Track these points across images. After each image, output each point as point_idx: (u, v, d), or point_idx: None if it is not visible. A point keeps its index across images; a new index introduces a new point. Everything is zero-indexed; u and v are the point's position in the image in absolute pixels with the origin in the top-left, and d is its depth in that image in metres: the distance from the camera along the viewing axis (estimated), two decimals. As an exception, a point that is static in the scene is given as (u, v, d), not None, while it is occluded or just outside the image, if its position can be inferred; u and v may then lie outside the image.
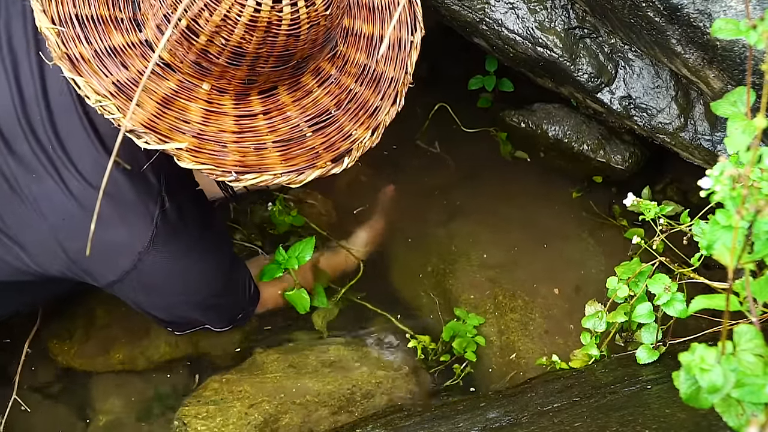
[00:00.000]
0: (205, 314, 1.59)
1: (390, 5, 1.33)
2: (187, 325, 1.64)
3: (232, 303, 1.61)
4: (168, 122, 1.09)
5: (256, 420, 1.56)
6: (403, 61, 1.27)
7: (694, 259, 1.43)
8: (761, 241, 0.90)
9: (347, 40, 1.26)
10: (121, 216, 1.30)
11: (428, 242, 1.91)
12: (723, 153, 1.63)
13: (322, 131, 1.17)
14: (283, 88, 1.18)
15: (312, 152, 1.14)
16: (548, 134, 1.99)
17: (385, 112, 1.21)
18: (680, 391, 0.89)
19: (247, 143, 1.12)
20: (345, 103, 1.21)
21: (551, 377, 1.59)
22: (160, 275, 1.37)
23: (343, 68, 1.24)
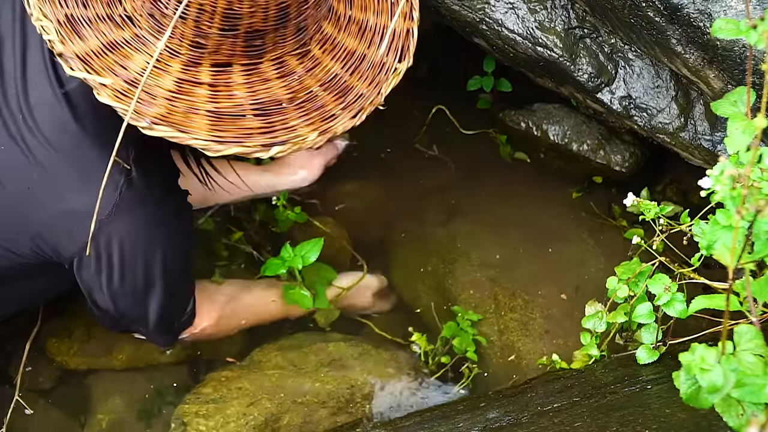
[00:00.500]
0: (148, 309, 1.50)
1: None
2: (123, 324, 1.55)
3: (175, 304, 1.55)
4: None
5: (256, 419, 1.56)
6: (395, 48, 1.27)
7: (694, 259, 1.42)
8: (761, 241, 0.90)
9: (337, 28, 1.26)
10: (85, 182, 1.27)
11: (428, 242, 1.91)
12: (723, 153, 1.63)
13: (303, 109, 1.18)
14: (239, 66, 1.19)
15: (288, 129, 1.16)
16: (548, 134, 1.99)
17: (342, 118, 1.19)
18: (680, 391, 0.89)
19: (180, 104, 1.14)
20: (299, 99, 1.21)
21: (551, 377, 1.59)
22: (117, 248, 1.34)
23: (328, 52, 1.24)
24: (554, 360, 1.65)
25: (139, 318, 1.50)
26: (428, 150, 2.08)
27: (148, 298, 1.46)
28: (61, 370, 1.70)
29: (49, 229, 1.31)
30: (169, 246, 1.40)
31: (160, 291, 1.45)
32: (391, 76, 1.21)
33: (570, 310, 1.77)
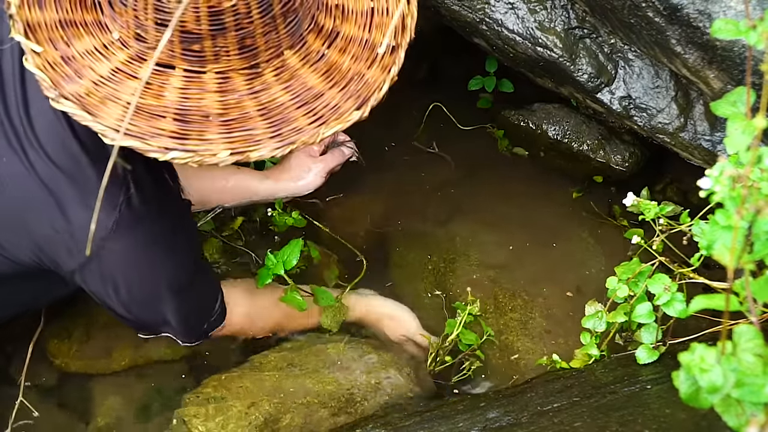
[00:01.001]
0: (164, 317, 1.52)
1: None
2: (147, 328, 1.58)
3: (192, 312, 1.55)
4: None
5: (257, 420, 1.56)
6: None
7: (694, 259, 1.42)
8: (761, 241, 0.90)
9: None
10: (84, 200, 1.28)
11: (428, 241, 1.91)
12: (723, 153, 1.64)
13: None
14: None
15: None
16: (548, 134, 1.99)
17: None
18: (680, 391, 0.89)
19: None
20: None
21: (551, 377, 1.59)
22: (121, 265, 1.35)
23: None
24: (554, 360, 1.65)
25: (160, 324, 1.52)
26: (427, 148, 2.08)
27: (161, 306, 1.47)
28: (62, 371, 1.70)
29: (49, 243, 1.32)
30: (169, 259, 1.41)
31: (171, 299, 1.46)
32: (338, 120, 1.18)
33: (570, 310, 1.77)
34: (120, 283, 1.39)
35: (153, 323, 1.53)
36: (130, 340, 1.71)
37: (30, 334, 1.71)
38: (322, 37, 1.24)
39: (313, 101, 1.18)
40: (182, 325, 1.53)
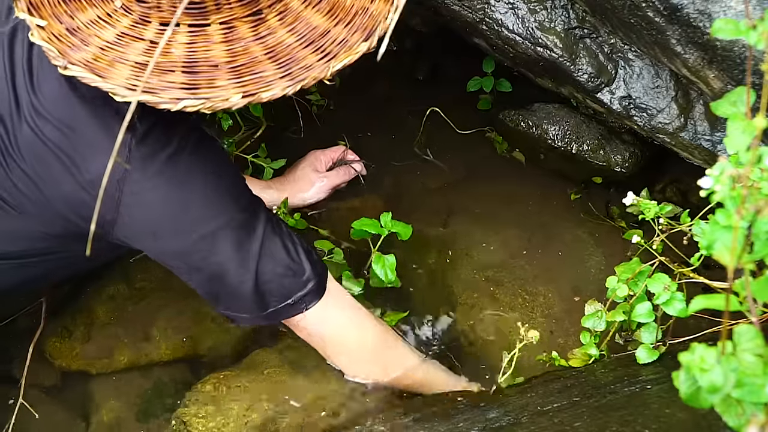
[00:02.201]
0: (224, 264, 1.36)
1: None
2: (216, 286, 1.40)
3: (266, 258, 1.38)
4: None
5: (256, 419, 1.56)
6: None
7: (694, 259, 1.43)
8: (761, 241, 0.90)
9: None
10: (95, 148, 1.27)
11: (428, 242, 1.91)
12: (723, 153, 1.64)
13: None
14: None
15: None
16: (548, 134, 1.99)
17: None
18: (680, 391, 0.89)
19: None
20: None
21: (551, 377, 1.59)
22: (151, 205, 1.31)
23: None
24: (553, 357, 1.65)
25: (222, 279, 1.38)
26: (427, 150, 2.08)
27: (216, 245, 1.35)
28: (62, 371, 1.70)
29: (78, 202, 1.30)
30: (201, 182, 1.33)
31: (227, 235, 1.34)
32: (346, 53, 1.18)
33: (569, 311, 1.77)
34: (147, 218, 1.32)
35: (215, 272, 1.37)
36: (130, 340, 1.71)
37: (30, 334, 1.71)
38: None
39: (320, 39, 1.19)
40: (243, 278, 1.37)
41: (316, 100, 2.15)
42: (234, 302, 1.42)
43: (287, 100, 2.09)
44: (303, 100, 2.12)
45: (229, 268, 1.37)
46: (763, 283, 0.91)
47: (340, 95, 2.19)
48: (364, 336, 1.57)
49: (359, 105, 2.18)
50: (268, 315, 1.44)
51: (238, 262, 1.36)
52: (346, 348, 1.57)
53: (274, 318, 1.45)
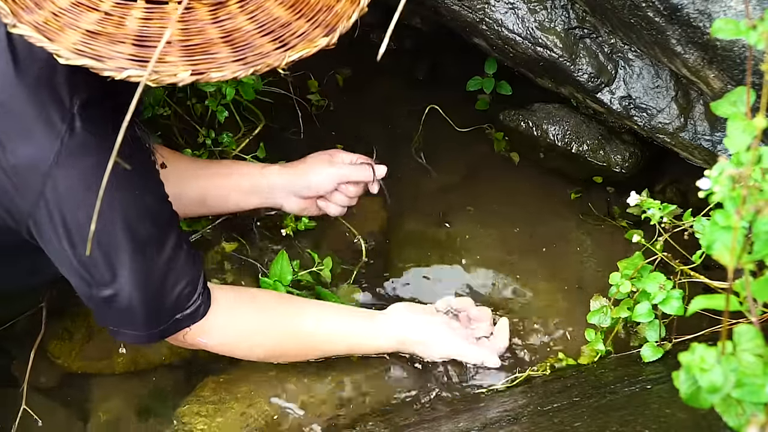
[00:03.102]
0: (118, 277, 1.34)
1: None
2: (101, 298, 1.36)
3: (156, 284, 1.38)
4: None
5: (256, 420, 1.56)
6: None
7: (696, 257, 1.43)
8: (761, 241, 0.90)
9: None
10: (26, 132, 1.25)
11: (428, 242, 1.91)
12: (723, 153, 1.63)
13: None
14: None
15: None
16: (548, 134, 1.99)
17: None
18: (680, 391, 0.89)
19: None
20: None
21: (551, 377, 1.59)
22: (67, 201, 1.27)
23: None
24: (560, 357, 1.65)
25: (115, 290, 1.35)
26: (427, 149, 2.08)
27: (116, 257, 1.32)
28: (62, 372, 1.70)
29: (6, 191, 1.27)
30: (124, 196, 1.31)
31: (129, 249, 1.32)
32: (304, 44, 1.17)
33: (570, 310, 1.77)
34: (68, 219, 1.28)
35: (106, 285, 1.35)
36: (130, 341, 1.71)
37: (32, 335, 1.71)
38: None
39: (280, 29, 1.17)
40: (142, 295, 1.36)
41: (317, 100, 2.15)
42: (124, 317, 1.41)
43: (287, 99, 2.09)
44: (303, 101, 2.12)
45: (127, 284, 1.35)
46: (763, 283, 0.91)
47: (340, 95, 2.19)
48: (253, 339, 1.57)
49: (359, 105, 2.18)
50: (160, 332, 1.44)
51: (138, 278, 1.35)
52: (238, 350, 1.58)
53: (162, 334, 1.45)
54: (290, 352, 1.60)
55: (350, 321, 1.63)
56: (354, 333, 1.62)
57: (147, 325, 1.41)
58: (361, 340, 1.62)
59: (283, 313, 1.59)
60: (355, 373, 1.66)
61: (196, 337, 1.48)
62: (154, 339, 1.45)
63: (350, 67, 2.23)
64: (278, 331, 1.58)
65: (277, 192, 1.77)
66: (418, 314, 1.66)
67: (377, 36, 2.28)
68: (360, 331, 1.62)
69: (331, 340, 1.61)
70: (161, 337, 1.46)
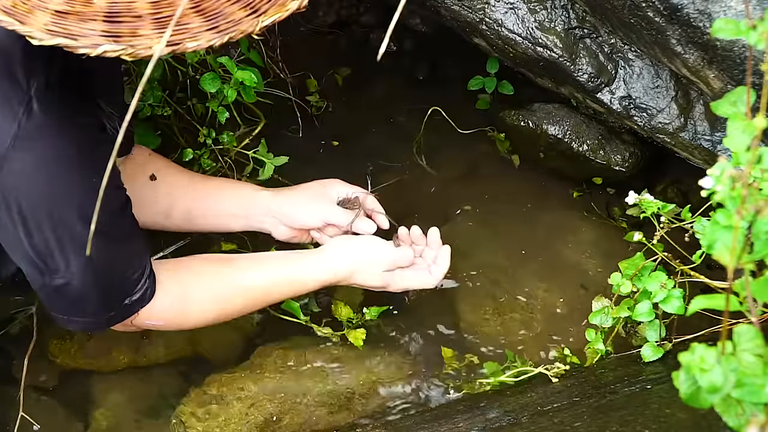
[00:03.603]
0: (70, 263, 1.33)
1: None
2: (53, 286, 1.35)
3: (107, 269, 1.37)
4: None
5: (257, 420, 1.56)
6: None
7: (696, 257, 1.43)
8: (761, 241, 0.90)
9: None
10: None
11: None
12: (723, 153, 1.64)
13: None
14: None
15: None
16: (548, 134, 1.99)
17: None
18: (680, 391, 0.89)
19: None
20: None
21: (551, 377, 1.59)
22: (23, 181, 1.25)
23: None
24: (566, 354, 1.65)
25: (67, 277, 1.34)
26: (428, 149, 2.08)
27: (72, 248, 1.31)
28: (63, 371, 1.70)
29: None
30: (78, 180, 1.29)
31: (85, 240, 1.30)
32: (276, 8, 1.16)
33: (570, 310, 1.77)
34: (24, 205, 1.26)
35: (60, 273, 1.33)
36: (130, 340, 1.71)
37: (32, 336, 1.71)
38: None
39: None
40: (94, 283, 1.35)
41: (315, 101, 2.15)
42: (75, 305, 1.39)
43: (286, 100, 2.09)
44: (302, 102, 2.12)
45: (80, 272, 1.34)
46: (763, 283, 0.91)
47: (340, 95, 2.19)
48: (198, 308, 1.54)
49: (359, 104, 2.18)
50: (110, 318, 1.43)
51: (91, 265, 1.34)
52: (186, 323, 1.57)
53: (111, 321, 1.43)
54: (236, 308, 1.58)
55: (285, 264, 1.62)
56: (291, 274, 1.60)
57: (97, 312, 1.41)
58: (299, 279, 1.60)
59: (221, 274, 1.57)
60: (355, 374, 1.66)
61: (144, 320, 1.47)
62: (103, 326, 1.45)
63: (350, 67, 2.23)
64: (220, 293, 1.56)
65: (267, 219, 1.74)
66: (353, 243, 1.66)
67: (377, 36, 2.29)
68: (296, 270, 1.61)
69: (272, 286, 1.59)
70: (110, 324, 1.45)
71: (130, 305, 1.43)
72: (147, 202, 1.64)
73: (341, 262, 1.62)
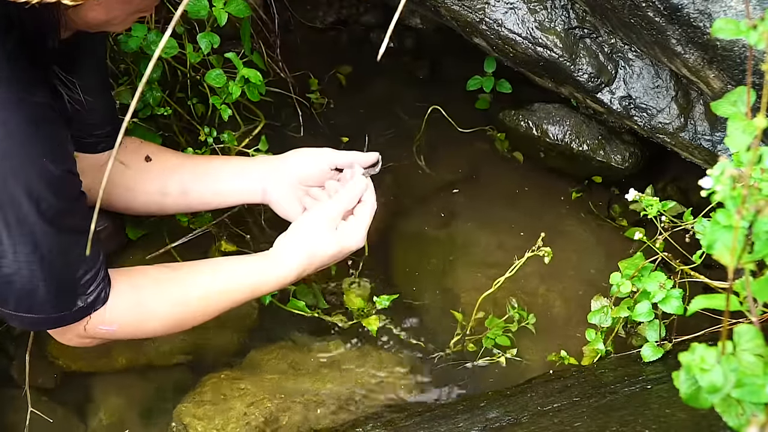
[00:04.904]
0: (18, 245, 1.26)
1: None
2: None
3: (58, 263, 1.31)
4: None
5: (257, 419, 1.56)
6: None
7: (696, 257, 1.43)
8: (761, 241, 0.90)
9: None
10: None
11: (428, 242, 1.91)
12: (723, 153, 1.64)
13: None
14: None
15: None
16: (548, 134, 1.99)
17: None
18: (680, 391, 0.89)
19: None
20: None
21: (551, 377, 1.59)
22: None
23: None
24: (563, 356, 1.65)
25: (17, 274, 1.28)
26: (428, 148, 2.08)
27: (20, 232, 1.25)
28: (62, 371, 1.70)
29: None
30: (30, 159, 1.23)
31: (33, 224, 1.25)
32: None
33: (570, 310, 1.77)
34: None
35: (6, 258, 1.27)
36: (129, 340, 1.71)
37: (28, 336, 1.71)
38: None
39: None
40: (44, 274, 1.29)
41: (316, 99, 2.15)
42: (22, 299, 1.32)
43: (286, 98, 2.09)
44: (303, 99, 2.12)
45: (28, 260, 1.28)
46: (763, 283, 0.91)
47: (340, 94, 2.19)
48: (154, 315, 1.48)
49: (359, 104, 2.18)
50: (60, 318, 1.37)
51: (41, 253, 1.28)
52: (140, 331, 1.51)
53: (61, 321, 1.38)
54: (195, 316, 1.52)
55: (244, 268, 1.56)
56: (251, 278, 1.54)
57: (46, 308, 1.34)
58: (260, 282, 1.55)
59: (178, 279, 1.51)
60: (355, 374, 1.67)
61: (98, 325, 1.41)
62: (51, 325, 1.39)
63: (351, 66, 2.23)
64: (177, 297, 1.50)
65: (262, 177, 1.68)
66: (298, 229, 1.58)
67: (377, 35, 2.29)
68: (256, 274, 1.55)
69: (231, 292, 1.53)
70: (59, 324, 1.38)
71: (83, 307, 1.37)
72: (143, 183, 1.64)
73: (295, 250, 1.55)
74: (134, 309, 1.45)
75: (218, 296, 1.52)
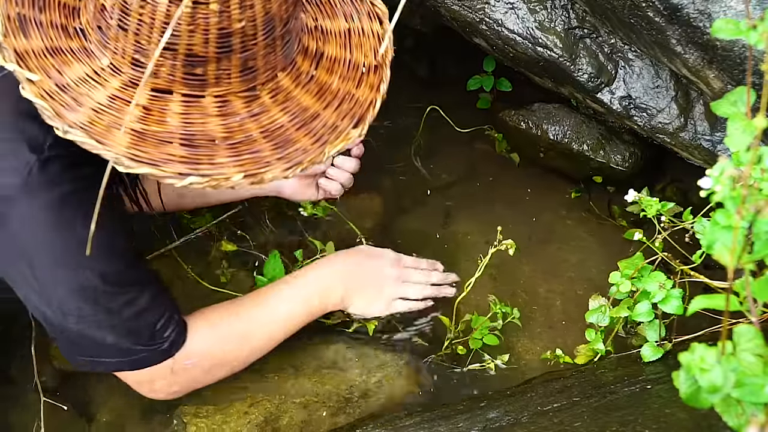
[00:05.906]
0: (87, 314, 1.34)
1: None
2: (78, 335, 1.36)
3: (131, 315, 1.37)
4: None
5: (257, 419, 1.56)
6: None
7: (696, 257, 1.43)
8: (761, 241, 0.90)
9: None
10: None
11: (428, 242, 1.91)
12: (723, 153, 1.64)
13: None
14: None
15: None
16: (548, 134, 1.99)
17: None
18: (680, 391, 0.89)
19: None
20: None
21: (551, 377, 1.59)
22: (33, 230, 1.25)
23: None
24: (558, 354, 1.65)
25: (90, 327, 1.35)
26: (427, 149, 2.08)
27: (80, 288, 1.31)
28: (62, 371, 1.70)
29: None
30: (100, 238, 1.24)
31: (98, 283, 1.31)
32: (340, 139, 1.19)
33: (570, 310, 1.77)
34: (33, 253, 1.26)
35: (80, 319, 1.33)
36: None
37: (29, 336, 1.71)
38: (309, 57, 1.26)
39: (311, 122, 1.19)
40: (118, 326, 1.36)
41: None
42: (98, 348, 1.39)
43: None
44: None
45: (95, 322, 1.35)
46: (763, 283, 0.91)
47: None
48: (239, 345, 1.56)
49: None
50: (141, 359, 1.42)
51: (106, 316, 1.34)
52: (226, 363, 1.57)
53: (144, 361, 1.43)
54: (264, 346, 1.59)
55: (295, 296, 1.61)
56: (283, 304, 1.60)
57: (122, 352, 1.40)
58: (286, 300, 1.61)
59: (248, 314, 1.57)
60: (355, 374, 1.66)
61: (182, 361, 1.47)
62: (137, 365, 1.44)
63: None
64: (257, 329, 1.58)
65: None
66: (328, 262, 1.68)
67: (377, 36, 2.29)
68: (286, 299, 1.61)
69: (289, 320, 1.60)
70: (143, 364, 1.44)
71: (159, 350, 1.43)
72: (163, 185, 1.64)
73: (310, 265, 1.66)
74: (218, 347, 1.52)
75: (280, 326, 1.60)
